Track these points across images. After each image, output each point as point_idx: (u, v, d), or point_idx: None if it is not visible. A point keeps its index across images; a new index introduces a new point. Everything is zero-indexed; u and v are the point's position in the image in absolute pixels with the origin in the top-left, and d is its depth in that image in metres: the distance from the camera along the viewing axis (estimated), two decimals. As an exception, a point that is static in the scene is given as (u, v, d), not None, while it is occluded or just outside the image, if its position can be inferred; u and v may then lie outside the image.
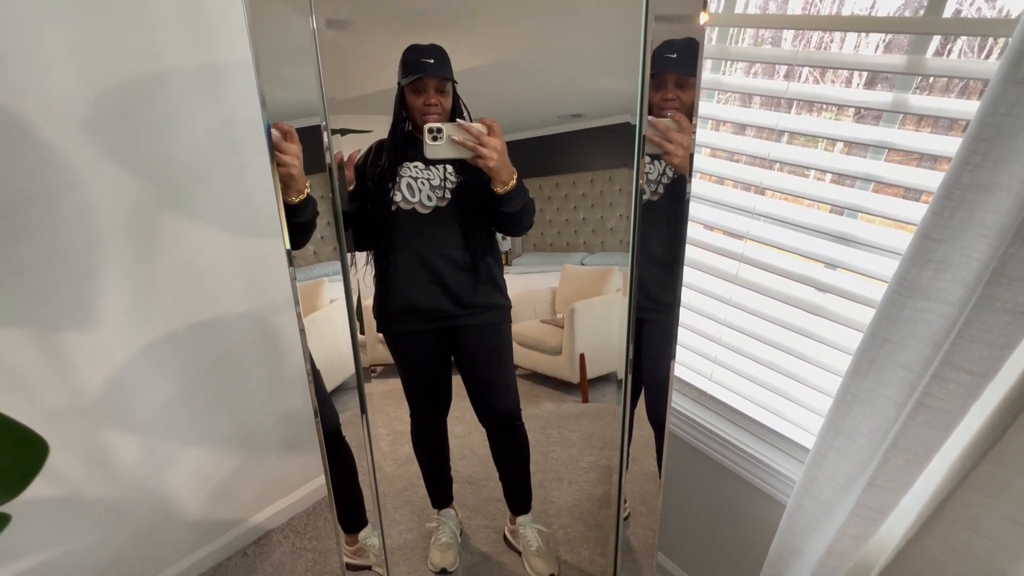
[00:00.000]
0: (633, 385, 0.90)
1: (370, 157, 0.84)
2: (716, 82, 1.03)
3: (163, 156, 1.10)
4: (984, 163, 0.58)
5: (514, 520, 1.17)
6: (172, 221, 1.16)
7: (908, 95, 0.80)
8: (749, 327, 1.10)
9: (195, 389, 1.32)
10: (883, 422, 0.75)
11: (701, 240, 1.13)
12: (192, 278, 1.23)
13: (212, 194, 1.19)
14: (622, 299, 0.86)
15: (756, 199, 1.02)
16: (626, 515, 1.05)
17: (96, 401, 1.16)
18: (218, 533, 1.52)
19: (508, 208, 0.83)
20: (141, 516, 1.33)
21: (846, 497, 0.81)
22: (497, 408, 1.04)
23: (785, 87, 0.90)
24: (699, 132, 1.08)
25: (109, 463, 1.23)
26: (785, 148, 0.95)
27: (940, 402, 0.65)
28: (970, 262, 0.62)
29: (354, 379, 0.99)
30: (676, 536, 1.41)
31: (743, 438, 1.15)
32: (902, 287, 0.68)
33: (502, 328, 0.96)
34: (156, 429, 1.29)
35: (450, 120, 0.80)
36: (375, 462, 1.07)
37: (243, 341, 1.38)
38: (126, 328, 1.16)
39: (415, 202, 0.85)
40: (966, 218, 0.61)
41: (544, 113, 0.81)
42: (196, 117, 1.12)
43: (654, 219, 0.78)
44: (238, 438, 1.47)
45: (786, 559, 0.96)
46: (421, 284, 0.90)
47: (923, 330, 0.68)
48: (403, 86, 0.80)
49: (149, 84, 1.04)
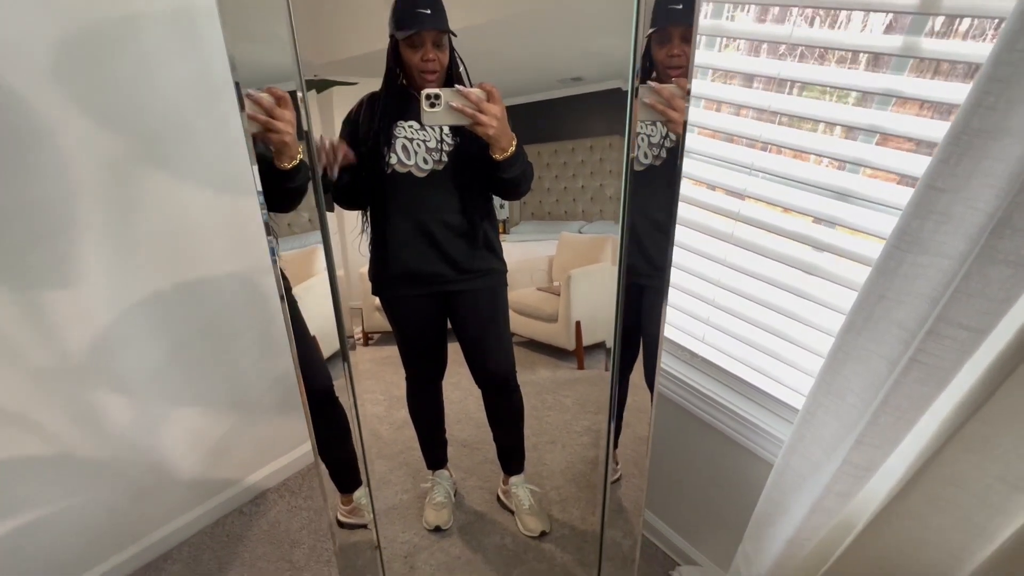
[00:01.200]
0: (631, 351, 0.89)
1: (362, 112, 0.80)
2: (718, 28, 0.98)
3: (138, 106, 1.05)
4: (996, 106, 0.54)
5: (507, 481, 1.19)
6: (151, 175, 1.12)
7: (920, 39, 0.75)
8: (742, 288, 1.08)
9: (184, 350, 1.31)
10: (874, 380, 0.74)
11: (696, 198, 1.10)
12: (176, 236, 1.20)
13: (193, 146, 1.15)
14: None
15: (755, 155, 0.98)
16: (617, 477, 1.06)
17: (83, 361, 1.15)
18: (214, 492, 1.54)
19: (506, 174, 0.81)
20: (136, 475, 1.34)
21: (834, 455, 0.81)
22: (493, 370, 1.04)
23: (789, 31, 0.85)
24: (697, 83, 1.03)
25: (100, 423, 1.23)
26: (787, 99, 0.91)
27: (934, 359, 0.63)
28: (974, 213, 0.60)
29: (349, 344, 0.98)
30: (666, 496, 1.43)
31: (733, 399, 1.15)
32: (901, 241, 0.66)
33: (498, 292, 0.95)
34: (147, 390, 1.28)
35: (446, 79, 0.76)
36: (372, 425, 1.06)
37: (233, 302, 1.36)
38: (109, 287, 1.14)
39: (411, 165, 0.82)
40: (972, 166, 0.58)
41: (542, 76, 0.78)
42: (172, 64, 1.06)
43: (657, 184, 0.75)
44: (231, 399, 1.47)
45: (772, 516, 0.96)
46: (417, 249, 0.88)
47: (921, 285, 0.66)
48: (398, 40, 0.75)
49: (118, 28, 0.98)
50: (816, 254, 0.95)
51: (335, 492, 1.08)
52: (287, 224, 0.78)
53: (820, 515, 0.83)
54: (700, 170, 1.08)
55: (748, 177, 1.00)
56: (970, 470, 0.70)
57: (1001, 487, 0.69)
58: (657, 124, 0.71)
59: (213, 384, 1.42)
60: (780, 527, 0.93)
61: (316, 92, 0.75)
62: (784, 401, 1.07)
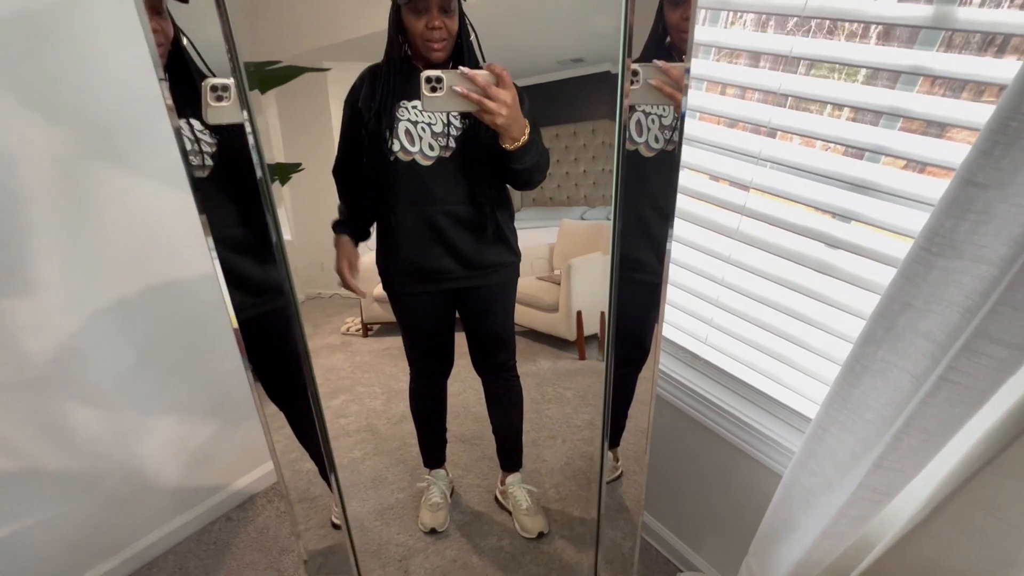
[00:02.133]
0: (636, 345, 0.83)
1: (363, 90, 0.72)
2: (724, 1, 0.88)
3: (86, 97, 0.96)
4: (1055, 85, 0.46)
5: (504, 480, 1.17)
6: (108, 172, 1.04)
7: (953, 7, 0.66)
8: (748, 287, 1.00)
9: (156, 356, 1.25)
10: (896, 397, 0.67)
11: (698, 190, 1.01)
12: (140, 237, 1.12)
13: (152, 141, 1.06)
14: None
15: (762, 142, 0.89)
16: (618, 474, 1.02)
17: (45, 371, 1.09)
18: (200, 499, 1.49)
19: (518, 165, 0.73)
20: (113, 485, 1.29)
21: (848, 475, 0.74)
22: (496, 357, 1.01)
23: (803, 4, 0.76)
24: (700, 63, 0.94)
25: (68, 435, 1.17)
26: (799, 79, 0.81)
27: (968, 378, 0.55)
28: (1021, 213, 0.51)
29: (339, 337, 0.96)
30: (668, 500, 1.37)
31: (737, 404, 1.08)
32: (932, 243, 0.58)
33: (510, 284, 0.91)
34: (117, 398, 1.22)
35: (455, 51, 0.68)
36: (370, 420, 1.06)
37: (207, 304, 1.29)
38: (70, 293, 1.07)
39: (415, 152, 0.75)
40: (1021, 157, 0.50)
41: (542, 58, 0.73)
42: (122, 50, 0.97)
43: (664, 170, 0.68)
44: (212, 404, 1.42)
45: (779, 533, 0.90)
46: (424, 244, 0.82)
47: (954, 294, 0.58)
48: (400, 4, 0.67)
49: (56, 11, 0.89)
50: (829, 251, 0.87)
51: (289, 497, 1.04)
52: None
53: (833, 539, 0.76)
54: (703, 159, 0.99)
55: (754, 167, 0.91)
56: (1003, 495, 0.64)
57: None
58: (665, 107, 0.65)
59: (192, 389, 1.36)
60: (789, 546, 0.87)
61: (260, 90, 0.68)
62: (792, 407, 1.00)
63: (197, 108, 0.63)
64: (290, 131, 0.75)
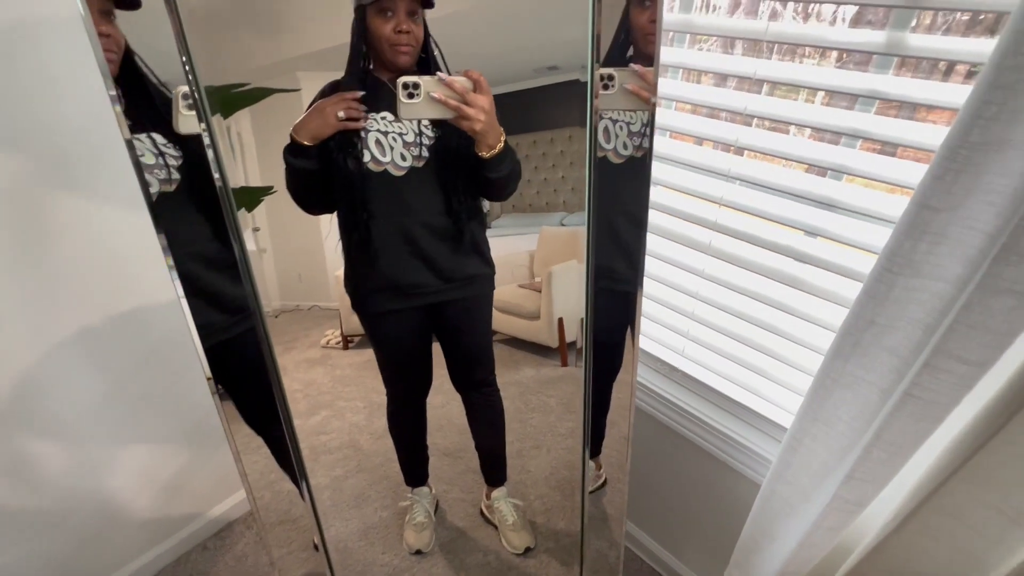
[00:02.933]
0: (613, 353, 0.83)
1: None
2: (688, 23, 0.90)
3: (41, 123, 0.93)
4: (999, 116, 0.48)
5: (490, 494, 1.16)
6: (67, 200, 1.00)
7: (906, 34, 0.68)
8: (723, 300, 1.02)
9: (124, 386, 1.21)
10: (864, 409, 0.69)
11: (671, 206, 1.03)
12: (103, 265, 1.09)
13: (114, 167, 1.03)
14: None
15: (731, 160, 0.91)
16: (602, 482, 1.02)
17: (6, 406, 1.04)
18: (174, 529, 1.44)
19: (493, 173, 0.72)
20: (79, 522, 1.24)
21: (822, 485, 0.76)
22: (474, 372, 1.00)
23: (765, 27, 0.78)
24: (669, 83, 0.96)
25: (30, 471, 1.12)
26: (763, 100, 0.84)
27: (931, 393, 0.57)
28: (973, 234, 0.54)
29: (319, 350, 0.94)
30: (651, 510, 1.38)
31: (715, 415, 1.10)
32: (893, 263, 0.60)
33: (486, 297, 0.89)
34: (82, 432, 1.18)
35: (422, 58, 0.67)
36: (352, 436, 1.05)
37: (178, 332, 1.25)
38: (28, 325, 1.03)
39: (387, 163, 0.73)
40: (971, 183, 0.52)
41: (518, 66, 0.74)
42: (77, 75, 0.94)
43: (635, 176, 0.68)
44: (183, 432, 1.37)
45: (759, 543, 0.91)
46: (399, 258, 0.79)
47: (914, 311, 0.60)
48: (364, 7, 0.65)
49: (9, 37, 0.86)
50: (799, 266, 0.89)
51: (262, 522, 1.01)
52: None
53: (810, 549, 0.78)
54: (675, 176, 1.00)
55: (725, 184, 0.93)
56: (967, 501, 0.66)
57: (999, 519, 0.65)
58: (636, 112, 0.65)
59: (163, 417, 1.31)
60: (768, 556, 0.88)
61: (223, 114, 0.67)
62: (768, 418, 1.02)
63: (158, 121, 0.61)
64: (265, 146, 0.74)
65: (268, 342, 0.77)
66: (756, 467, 1.04)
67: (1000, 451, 0.60)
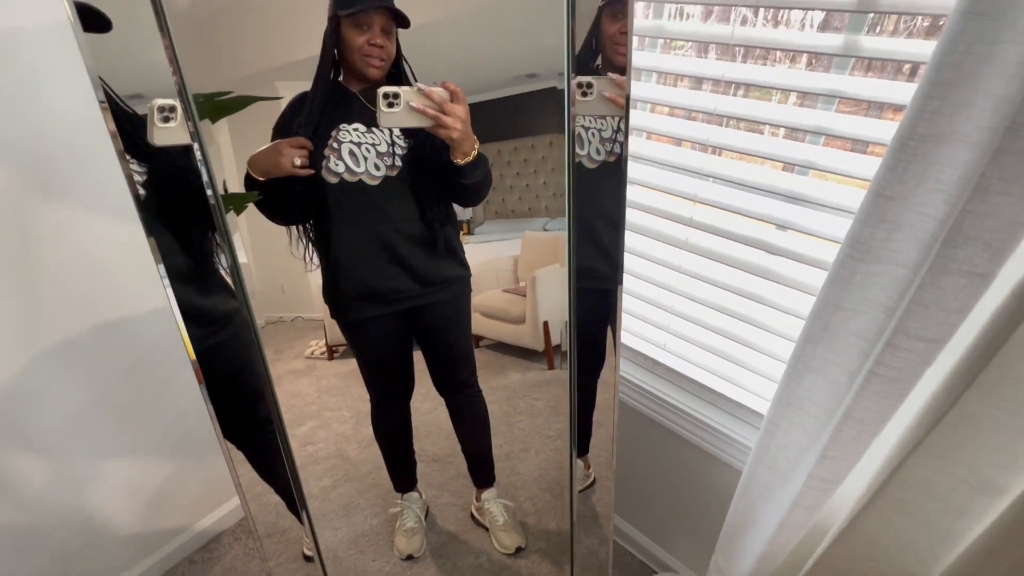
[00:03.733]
0: (595, 353, 0.85)
1: (294, 117, 0.71)
2: (660, 29, 0.94)
3: (24, 132, 0.93)
4: (942, 109, 0.52)
5: (480, 496, 1.16)
6: (50, 210, 1.00)
7: (860, 37, 0.73)
8: (701, 294, 1.05)
9: (107, 397, 1.19)
10: (835, 391, 0.72)
11: (648, 204, 1.06)
12: (86, 276, 1.08)
13: (97, 176, 1.03)
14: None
15: (705, 159, 0.95)
16: (591, 481, 1.03)
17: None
18: (159, 543, 1.42)
19: (468, 179, 0.75)
20: (63, 538, 1.21)
21: (799, 467, 0.79)
22: (456, 375, 1.01)
23: (731, 32, 0.82)
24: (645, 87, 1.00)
25: (11, 486, 1.10)
26: (732, 101, 0.88)
27: (893, 371, 0.61)
28: (925, 221, 0.58)
29: (303, 361, 0.94)
30: (639, 504, 1.40)
31: (698, 406, 1.13)
32: (854, 250, 0.63)
33: (464, 299, 0.91)
34: (65, 445, 1.16)
35: (392, 73, 0.69)
36: (339, 445, 1.04)
37: (163, 340, 1.25)
38: (10, 336, 1.01)
39: (361, 173, 0.75)
40: (920, 172, 0.56)
41: (498, 74, 0.75)
42: (61, 83, 0.94)
43: (609, 180, 0.71)
44: (169, 443, 1.36)
45: (742, 528, 0.94)
46: (377, 264, 0.81)
47: (876, 295, 0.64)
48: (341, 17, 0.67)
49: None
50: (771, 258, 0.93)
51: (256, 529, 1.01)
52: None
53: (789, 529, 0.81)
54: (651, 175, 1.04)
55: (699, 182, 0.97)
56: (934, 474, 0.69)
57: (964, 490, 0.68)
58: (607, 118, 0.67)
59: (148, 428, 1.30)
60: (751, 539, 0.91)
61: (211, 120, 0.68)
62: (749, 407, 1.05)
63: (127, 136, 0.61)
64: (242, 152, 0.74)
65: (262, 354, 0.78)
66: (739, 455, 1.07)
67: (962, 425, 0.64)
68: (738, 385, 1.08)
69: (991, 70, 0.48)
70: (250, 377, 0.82)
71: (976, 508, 0.68)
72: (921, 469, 0.70)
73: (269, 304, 0.83)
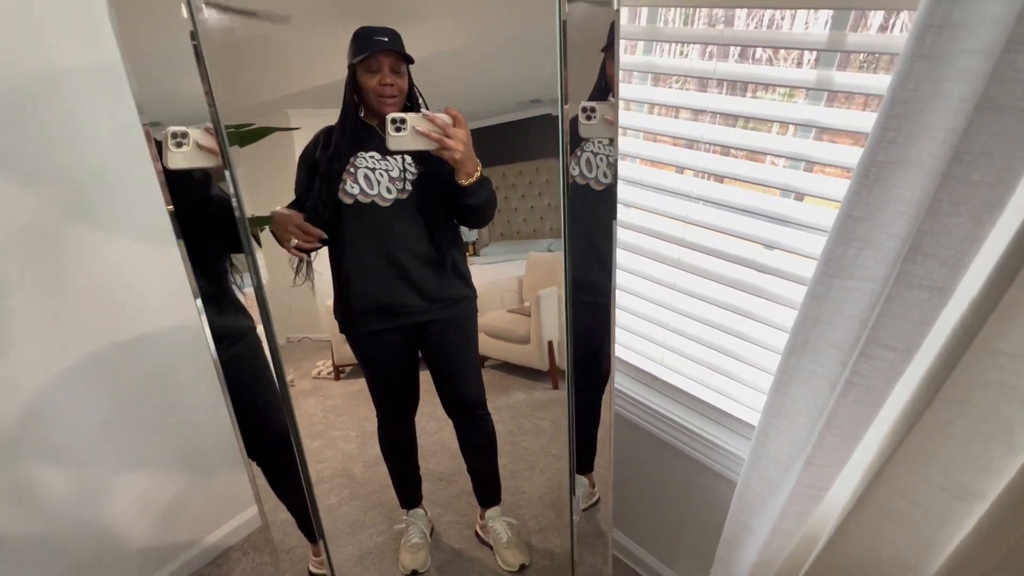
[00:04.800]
0: (599, 369, 0.88)
1: (319, 148, 0.79)
2: (650, 64, 1.01)
3: (63, 162, 1.01)
4: (897, 139, 0.57)
5: (484, 515, 1.17)
6: (81, 233, 1.07)
7: (832, 72, 0.79)
8: (695, 311, 1.10)
9: (126, 411, 1.24)
10: (819, 400, 0.76)
11: (643, 225, 1.12)
12: (110, 294, 1.14)
13: (125, 202, 1.11)
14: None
15: (695, 183, 1.01)
16: (595, 500, 1.05)
17: (10, 432, 1.07)
18: (169, 557, 1.45)
19: (472, 200, 0.80)
20: (79, 550, 1.25)
21: (788, 475, 0.82)
22: (464, 398, 1.03)
23: (713, 67, 0.89)
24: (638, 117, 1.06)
25: (33, 497, 1.14)
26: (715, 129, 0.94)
27: (867, 379, 0.65)
28: (890, 239, 0.63)
29: (310, 381, 0.97)
30: (639, 518, 1.42)
31: (695, 420, 1.16)
32: (828, 267, 0.68)
33: (469, 319, 0.94)
34: (84, 457, 1.20)
35: (407, 106, 0.77)
36: (345, 464, 1.06)
37: (178, 356, 1.30)
38: (38, 351, 1.07)
39: (374, 195, 0.82)
40: (883, 195, 0.61)
41: (502, 100, 0.80)
42: (99, 119, 1.03)
43: (610, 199, 0.76)
44: (182, 457, 1.40)
45: (738, 537, 0.97)
46: (386, 280, 0.86)
47: (850, 308, 0.68)
48: (355, 65, 0.75)
49: (39, 86, 0.95)
50: (760, 276, 0.98)
51: (306, 542, 1.03)
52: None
53: (781, 537, 0.83)
54: (646, 199, 1.10)
55: (690, 204, 1.02)
56: (915, 482, 0.72)
57: (944, 497, 0.71)
58: (614, 145, 0.73)
59: (161, 443, 1.34)
60: (745, 549, 0.93)
61: (239, 145, 0.74)
62: (741, 419, 1.09)
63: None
64: (253, 180, 0.78)
65: (280, 371, 0.83)
66: (735, 468, 1.10)
67: (936, 432, 0.67)
68: (732, 398, 1.12)
69: (938, 105, 0.54)
70: (260, 393, 0.86)
71: (956, 515, 0.70)
72: (904, 477, 0.73)
73: (277, 324, 0.86)
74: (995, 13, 0.49)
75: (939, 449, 0.68)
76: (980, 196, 0.52)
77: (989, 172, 0.50)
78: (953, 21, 0.51)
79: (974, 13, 0.50)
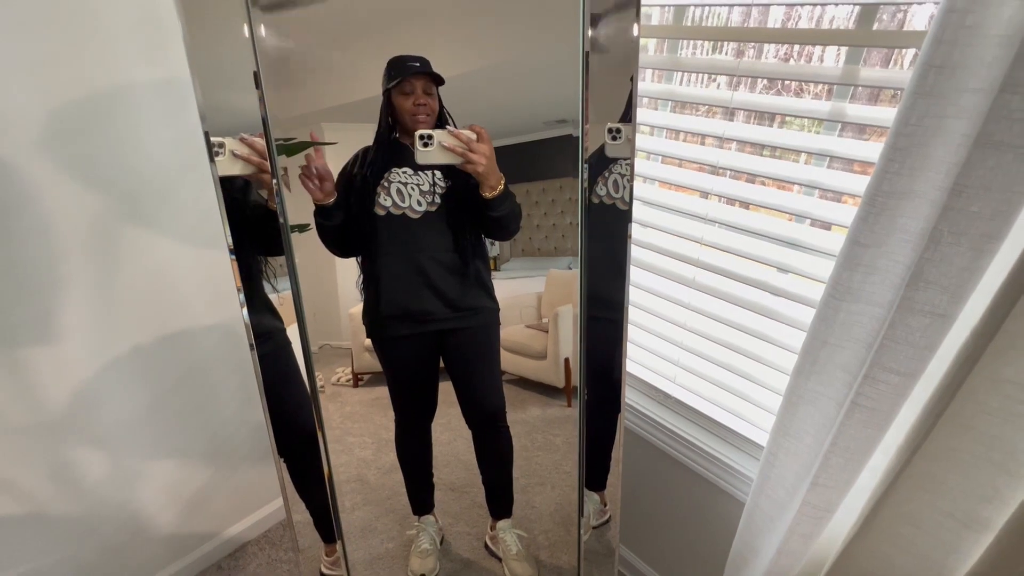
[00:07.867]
0: (614, 386, 0.90)
1: (356, 165, 0.86)
2: (670, 92, 1.06)
3: (125, 170, 1.10)
4: (902, 171, 0.60)
5: (494, 526, 1.17)
6: (135, 234, 1.16)
7: (845, 104, 0.82)
8: (709, 331, 1.12)
9: (163, 402, 1.32)
10: (826, 422, 0.77)
11: (659, 245, 1.15)
12: (157, 291, 1.23)
13: (176, 207, 1.20)
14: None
15: (709, 206, 1.04)
16: (607, 518, 1.06)
17: (60, 416, 1.16)
18: (191, 547, 1.51)
19: (496, 212, 0.85)
20: (110, 532, 1.32)
21: (796, 496, 0.83)
22: (484, 408, 1.05)
23: (730, 96, 0.93)
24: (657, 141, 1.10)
25: (74, 479, 1.22)
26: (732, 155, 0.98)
27: (873, 402, 0.67)
28: (896, 266, 0.65)
29: (329, 387, 1.00)
30: (646, 536, 1.42)
31: (705, 439, 1.17)
32: (836, 290, 0.70)
33: (491, 330, 0.97)
34: (123, 443, 1.28)
35: (438, 124, 0.83)
36: (359, 470, 1.08)
37: (213, 353, 1.38)
38: (90, 342, 1.16)
39: (405, 207, 0.87)
40: (889, 223, 0.64)
41: (529, 119, 0.84)
42: (158, 131, 1.12)
43: (627, 218, 0.80)
44: (209, 450, 1.46)
45: (746, 558, 0.97)
46: (412, 287, 0.91)
47: (857, 332, 0.70)
48: (390, 89, 0.82)
49: (108, 98, 1.05)
50: (773, 298, 1.00)
51: (319, 542, 1.07)
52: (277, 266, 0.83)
53: (786, 558, 0.84)
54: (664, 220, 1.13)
55: (704, 226, 1.06)
56: (923, 508, 0.73)
57: (952, 524, 0.71)
58: (631, 163, 0.76)
59: (192, 435, 1.41)
60: (752, 570, 0.94)
61: (287, 155, 0.81)
62: (754, 441, 1.09)
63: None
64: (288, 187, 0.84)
65: (311, 373, 0.88)
66: (743, 487, 1.10)
67: (943, 458, 0.68)
68: (743, 418, 1.12)
69: (939, 140, 0.57)
70: (285, 392, 0.91)
71: (964, 543, 0.71)
72: (912, 503, 0.73)
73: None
74: (994, 55, 0.52)
75: (946, 475, 0.69)
76: (979, 227, 0.54)
77: (987, 205, 0.53)
78: (954, 62, 0.54)
79: (974, 54, 0.53)
